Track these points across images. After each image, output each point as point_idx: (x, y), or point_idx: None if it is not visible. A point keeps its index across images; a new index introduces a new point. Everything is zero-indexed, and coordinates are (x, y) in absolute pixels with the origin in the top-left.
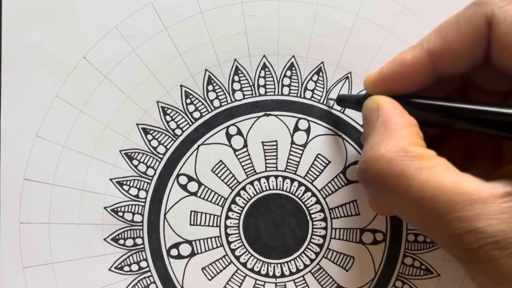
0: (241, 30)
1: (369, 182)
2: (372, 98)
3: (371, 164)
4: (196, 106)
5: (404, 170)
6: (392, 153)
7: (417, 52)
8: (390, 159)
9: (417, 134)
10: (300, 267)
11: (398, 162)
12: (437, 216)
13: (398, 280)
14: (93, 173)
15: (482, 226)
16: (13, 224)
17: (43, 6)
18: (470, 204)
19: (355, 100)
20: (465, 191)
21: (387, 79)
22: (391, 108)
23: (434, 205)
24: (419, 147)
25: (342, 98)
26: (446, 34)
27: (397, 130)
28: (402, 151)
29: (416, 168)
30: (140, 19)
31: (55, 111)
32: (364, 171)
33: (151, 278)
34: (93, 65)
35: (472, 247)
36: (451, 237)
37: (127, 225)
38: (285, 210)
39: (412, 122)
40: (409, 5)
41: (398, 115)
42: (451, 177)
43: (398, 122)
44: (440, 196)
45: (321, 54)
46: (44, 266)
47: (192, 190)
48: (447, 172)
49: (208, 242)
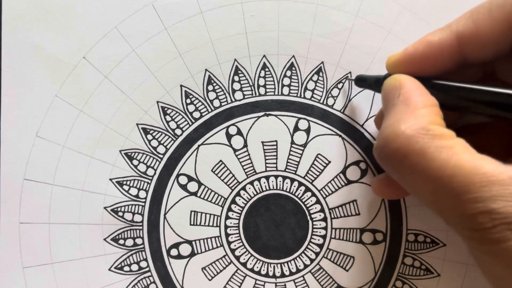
0: (241, 30)
1: (387, 158)
2: (394, 76)
3: (391, 141)
4: (196, 106)
5: (423, 148)
6: (412, 131)
7: (445, 34)
8: (410, 136)
9: (438, 114)
10: (300, 267)
11: (418, 140)
12: (453, 196)
13: (398, 280)
14: (93, 173)
15: (498, 207)
16: (13, 224)
17: (43, 6)
18: (488, 185)
19: (374, 80)
20: (483, 172)
21: (411, 59)
22: (413, 86)
23: (452, 185)
24: (439, 126)
25: (362, 78)
26: (478, 18)
27: (418, 109)
28: (422, 129)
29: (436, 147)
30: (140, 19)
31: (55, 111)
32: (383, 147)
33: (151, 278)
34: (93, 65)
35: (486, 227)
36: (465, 217)
37: (127, 225)
38: (285, 210)
39: (433, 102)
40: (409, 5)
41: (420, 94)
42: (470, 157)
43: (419, 101)
44: (458, 176)
45: (321, 54)
46: (44, 266)
47: (192, 190)
48: (466, 152)
49: (208, 242)
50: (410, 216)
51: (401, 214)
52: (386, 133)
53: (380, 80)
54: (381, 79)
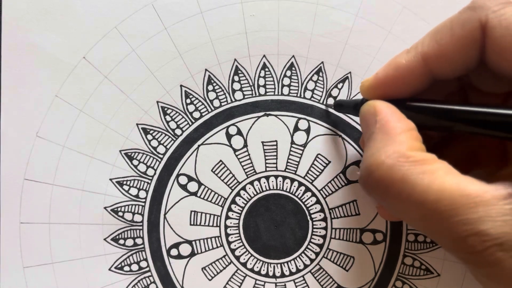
0: (241, 30)
1: (371, 189)
2: (369, 103)
3: (373, 171)
4: (196, 106)
5: (405, 175)
6: (392, 159)
7: (412, 56)
8: (391, 165)
9: (416, 138)
10: (300, 267)
11: (399, 168)
12: (441, 220)
13: (398, 280)
14: (93, 173)
15: (486, 229)
16: (13, 224)
17: (43, 6)
18: (474, 207)
19: (352, 105)
20: (467, 193)
21: (382, 83)
22: (389, 112)
23: (437, 209)
24: (419, 151)
25: (340, 103)
26: (440, 38)
27: (396, 135)
28: (402, 156)
29: (418, 173)
30: (140, 19)
31: (55, 111)
32: (366, 178)
33: (151, 278)
34: (93, 65)
35: (477, 250)
36: (456, 240)
37: (127, 225)
38: (285, 210)
39: (410, 126)
40: (409, 5)
41: (396, 120)
42: (454, 180)
43: (397, 127)
44: (443, 199)
45: (321, 54)
46: (44, 266)
47: (192, 190)
48: (449, 175)
49: (208, 242)
50: None
51: None
52: (368, 163)
53: (358, 106)
54: (358, 105)
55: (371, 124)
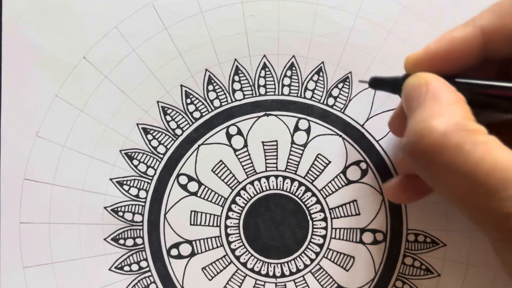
0: (241, 30)
1: (420, 155)
2: (418, 75)
3: (425, 136)
4: (196, 106)
5: (460, 144)
6: (447, 125)
7: (469, 30)
8: (445, 131)
9: (468, 110)
10: (300, 267)
11: (453, 135)
12: (489, 193)
13: (398, 280)
14: (93, 173)
15: None
16: (13, 224)
17: (43, 6)
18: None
19: (392, 81)
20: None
21: (433, 57)
22: (440, 83)
23: (489, 182)
24: (473, 122)
25: (377, 79)
26: (502, 12)
27: (450, 104)
28: (457, 124)
29: (472, 143)
30: (140, 19)
31: (55, 111)
32: (415, 143)
33: (151, 278)
34: (93, 65)
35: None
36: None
37: (127, 225)
38: (285, 210)
39: (462, 98)
40: (409, 5)
41: (448, 91)
42: (506, 154)
43: (450, 97)
44: (496, 173)
45: (321, 54)
46: (44, 266)
47: (192, 190)
48: (502, 149)
49: (208, 242)
50: (410, 216)
51: (401, 214)
52: (419, 128)
53: (399, 81)
54: (399, 80)
55: (419, 96)
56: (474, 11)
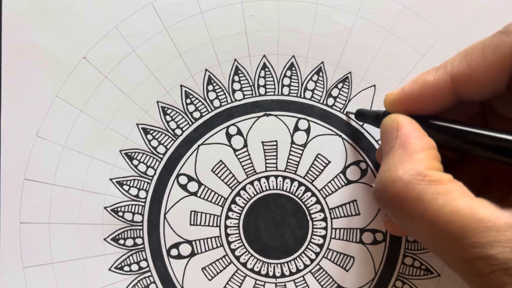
0: (241, 30)
1: (385, 203)
2: (391, 116)
3: (388, 186)
4: (196, 106)
5: (420, 194)
6: (409, 176)
7: (440, 75)
8: (407, 182)
9: (435, 157)
10: (300, 267)
11: (415, 186)
12: (451, 241)
13: (398, 280)
14: (93, 173)
15: (495, 253)
16: (13, 224)
17: (43, 6)
18: (484, 231)
19: (374, 116)
20: (480, 217)
21: (408, 99)
22: (410, 128)
23: (449, 230)
24: (436, 171)
25: (361, 112)
26: (471, 60)
27: (416, 153)
28: (419, 174)
29: (433, 193)
30: (140, 19)
31: (55, 111)
32: (381, 192)
33: (151, 278)
34: (93, 65)
35: (484, 272)
36: (464, 261)
37: (127, 225)
38: (285, 210)
39: (430, 144)
40: (409, 5)
41: (417, 137)
42: (467, 203)
43: (417, 144)
44: (455, 221)
45: (321, 54)
46: (44, 266)
47: (192, 190)
48: (463, 197)
49: (208, 242)
50: None
51: None
52: (385, 177)
53: (380, 117)
54: (380, 116)
55: (391, 138)
56: (473, 11)
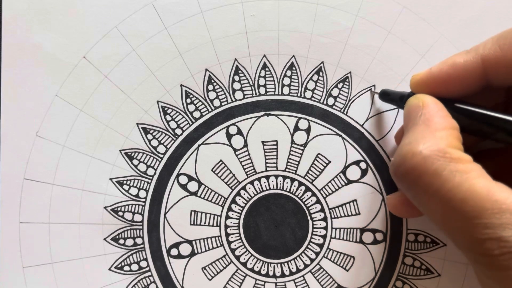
0: (241, 30)
1: (401, 176)
2: (417, 96)
3: (407, 159)
4: (196, 105)
5: (438, 170)
6: (429, 151)
7: (471, 57)
8: (426, 156)
9: (457, 138)
10: (300, 267)
11: (433, 161)
12: (464, 219)
13: (399, 280)
14: (93, 173)
15: (507, 235)
16: (13, 223)
17: (43, 6)
18: (499, 213)
19: (398, 96)
20: (496, 199)
21: (435, 79)
22: (435, 108)
23: (463, 208)
24: (457, 150)
25: (386, 92)
26: (504, 44)
27: (438, 130)
28: (440, 151)
29: (451, 170)
30: (140, 19)
31: (55, 111)
32: (399, 165)
33: (151, 278)
34: (93, 64)
35: (493, 253)
36: (474, 241)
37: (127, 224)
38: (285, 209)
39: (453, 125)
40: (409, 5)
41: (441, 116)
42: (484, 183)
43: (440, 123)
44: (470, 200)
45: (321, 54)
46: (44, 266)
47: (192, 189)
48: (481, 178)
49: (208, 242)
50: None
51: None
52: (404, 151)
53: (404, 97)
54: (405, 96)
55: (416, 116)
56: (473, 11)
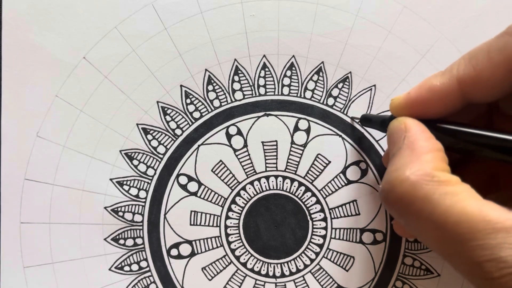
0: (241, 30)
1: (392, 204)
2: (399, 119)
3: (396, 186)
4: (196, 106)
5: (428, 194)
6: (416, 176)
7: (447, 79)
8: (415, 182)
9: (442, 159)
10: (300, 267)
11: (422, 186)
12: (459, 243)
13: (398, 280)
14: (93, 173)
15: (505, 256)
16: (14, 224)
17: (43, 6)
18: (494, 233)
19: (380, 121)
20: (489, 219)
21: (414, 103)
22: (418, 131)
23: (457, 231)
24: (444, 172)
25: (367, 118)
26: (477, 63)
27: (423, 154)
28: (427, 175)
29: (440, 194)
30: (140, 19)
31: (56, 111)
32: (388, 192)
33: (151, 278)
34: (93, 65)
35: (493, 276)
36: (472, 264)
37: (127, 225)
38: (285, 210)
39: (438, 146)
40: (409, 5)
41: (425, 139)
42: (476, 204)
43: (424, 146)
44: (464, 222)
45: (321, 54)
46: (45, 266)
47: (192, 190)
48: (472, 199)
49: (208, 242)
50: None
51: None
52: (392, 178)
53: (386, 121)
54: (386, 120)
55: (399, 140)
56: (473, 11)
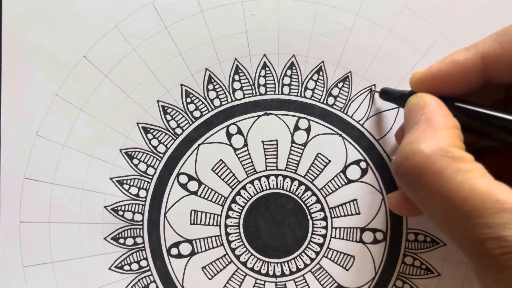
0: (241, 29)
1: (403, 175)
2: (418, 95)
3: (409, 158)
4: (197, 105)
5: (441, 169)
6: (431, 150)
7: (471, 54)
8: (428, 155)
9: (458, 137)
10: (300, 266)
11: (436, 160)
12: (464, 219)
13: (399, 279)
14: (94, 172)
15: (508, 235)
16: (13, 223)
17: (43, 6)
18: (500, 212)
19: (399, 95)
20: (497, 198)
21: (435, 77)
22: (436, 107)
23: (464, 208)
24: (458, 149)
25: (386, 91)
26: (504, 41)
27: (439, 129)
28: (441, 150)
29: (453, 169)
30: (141, 18)
31: (56, 110)
32: (400, 164)
33: (151, 277)
34: (94, 64)
35: (494, 253)
36: (474, 240)
37: (127, 224)
38: (285, 209)
39: (455, 124)
40: (409, 5)
41: (442, 115)
42: (486, 183)
43: (441, 122)
44: (471, 199)
45: (322, 53)
46: (44, 265)
47: (192, 189)
48: (482, 177)
49: (208, 241)
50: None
51: None
52: (406, 150)
53: (405, 96)
54: (405, 95)
55: (416, 115)
56: (473, 11)
